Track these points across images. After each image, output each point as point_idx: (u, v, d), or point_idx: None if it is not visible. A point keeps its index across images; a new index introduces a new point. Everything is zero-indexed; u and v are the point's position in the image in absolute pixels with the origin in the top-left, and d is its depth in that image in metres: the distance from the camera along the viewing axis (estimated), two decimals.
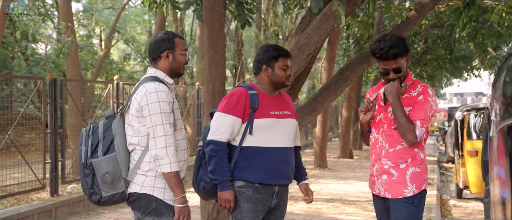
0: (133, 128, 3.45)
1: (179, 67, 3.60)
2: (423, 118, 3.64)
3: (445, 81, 32.79)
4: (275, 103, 3.79)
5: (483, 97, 66.13)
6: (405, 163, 3.71)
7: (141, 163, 3.44)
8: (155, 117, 3.37)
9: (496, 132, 2.34)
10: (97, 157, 3.42)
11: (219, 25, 5.43)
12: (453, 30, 15.83)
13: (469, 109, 9.95)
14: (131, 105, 3.48)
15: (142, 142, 3.44)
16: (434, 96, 3.73)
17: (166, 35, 3.58)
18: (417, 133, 3.61)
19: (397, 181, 3.73)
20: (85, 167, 3.42)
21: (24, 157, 8.42)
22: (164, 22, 16.95)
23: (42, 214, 7.73)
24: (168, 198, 3.46)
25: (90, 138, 3.47)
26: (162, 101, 3.39)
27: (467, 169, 9.36)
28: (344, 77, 6.50)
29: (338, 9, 4.97)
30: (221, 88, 5.62)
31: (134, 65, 29.02)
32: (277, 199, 3.77)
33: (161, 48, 3.54)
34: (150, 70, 3.58)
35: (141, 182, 3.44)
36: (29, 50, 18.65)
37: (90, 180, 3.43)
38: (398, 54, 3.68)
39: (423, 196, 3.77)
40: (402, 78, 3.77)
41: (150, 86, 3.42)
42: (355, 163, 16.26)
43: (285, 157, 3.75)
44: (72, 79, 11.07)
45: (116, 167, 3.41)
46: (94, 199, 3.47)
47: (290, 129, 3.79)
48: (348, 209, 8.85)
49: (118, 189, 3.43)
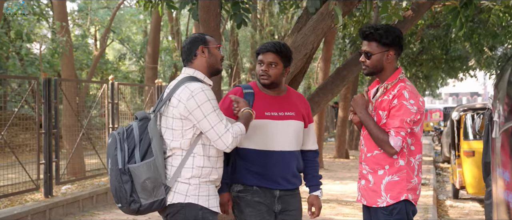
0: (174, 132, 3.26)
1: (216, 62, 3.43)
2: (398, 125, 3.31)
3: (441, 81, 32.81)
4: (274, 103, 3.63)
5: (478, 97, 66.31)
6: (382, 170, 3.44)
7: (182, 170, 3.25)
8: (211, 117, 3.21)
9: (499, 134, 2.28)
10: (135, 162, 3.19)
11: (215, 24, 5.38)
12: (449, 30, 15.81)
13: (466, 109, 9.92)
14: (170, 107, 3.27)
15: (184, 146, 3.25)
16: (412, 99, 3.36)
17: (196, 34, 3.46)
18: (392, 143, 3.31)
19: (372, 189, 3.49)
20: (123, 173, 3.17)
21: (17, 158, 8.35)
22: (160, 22, 16.88)
23: (36, 215, 7.67)
24: (213, 205, 3.30)
25: (125, 142, 3.23)
26: (212, 99, 3.23)
27: (463, 169, 9.34)
28: (341, 77, 6.46)
29: (335, 8, 4.92)
30: (217, 88, 5.57)
31: (129, 65, 28.97)
32: (282, 204, 3.61)
33: (196, 45, 3.38)
34: (188, 70, 3.39)
35: (185, 191, 3.24)
36: (23, 50, 18.54)
37: (129, 187, 3.17)
38: (373, 38, 3.44)
39: (404, 207, 3.43)
40: (372, 68, 3.49)
41: (194, 86, 3.24)
42: (351, 163, 16.22)
43: (281, 161, 3.57)
44: (67, 79, 11.00)
45: (156, 172, 3.19)
46: (133, 208, 3.21)
47: (289, 131, 3.60)
48: (345, 210, 8.81)
49: (158, 196, 3.20)
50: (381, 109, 3.47)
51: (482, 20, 13.91)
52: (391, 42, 3.46)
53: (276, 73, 3.59)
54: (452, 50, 19.11)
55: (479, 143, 8.93)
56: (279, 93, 3.69)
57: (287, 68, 3.67)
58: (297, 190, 3.72)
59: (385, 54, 3.47)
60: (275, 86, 3.64)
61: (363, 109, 3.46)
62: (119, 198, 3.22)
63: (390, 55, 3.48)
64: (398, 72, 3.51)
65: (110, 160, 3.24)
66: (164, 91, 3.42)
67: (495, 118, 2.44)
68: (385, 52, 3.47)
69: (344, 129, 17.80)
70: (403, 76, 3.53)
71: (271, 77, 3.59)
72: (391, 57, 3.49)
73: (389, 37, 3.45)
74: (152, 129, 3.24)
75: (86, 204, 8.74)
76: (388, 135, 3.34)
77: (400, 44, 3.51)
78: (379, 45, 3.46)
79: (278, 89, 3.68)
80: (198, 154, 3.27)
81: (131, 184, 3.18)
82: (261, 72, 3.59)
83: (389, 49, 3.47)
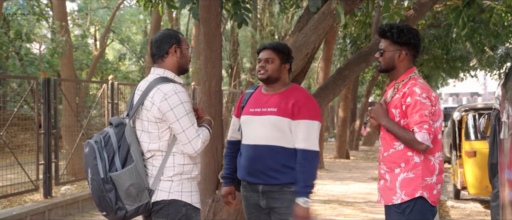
0: (150, 135, 3.27)
1: (186, 63, 3.45)
2: (419, 120, 3.35)
3: (441, 81, 32.78)
4: (263, 100, 3.71)
5: (478, 97, 66.27)
6: (399, 168, 3.47)
7: (164, 169, 3.28)
8: (183, 120, 3.22)
9: (508, 135, 2.23)
10: (116, 170, 3.18)
11: (215, 24, 5.35)
12: (449, 30, 15.78)
13: (467, 109, 9.87)
14: (144, 110, 3.28)
15: (163, 147, 3.27)
16: (424, 93, 3.40)
17: (169, 31, 3.42)
18: (420, 139, 3.34)
19: (389, 187, 3.51)
20: (106, 183, 3.16)
21: (16, 158, 8.31)
22: (160, 22, 16.83)
23: (35, 216, 7.62)
24: (195, 201, 3.34)
25: (104, 150, 3.21)
26: (185, 102, 3.23)
27: (465, 169, 9.28)
28: (342, 77, 6.43)
29: (337, 8, 4.88)
30: (218, 88, 5.54)
31: (129, 65, 28.93)
32: (266, 199, 3.64)
33: (169, 43, 3.36)
34: (157, 70, 3.37)
35: (168, 188, 3.28)
36: (23, 50, 18.51)
37: (113, 196, 3.17)
38: (386, 36, 3.55)
39: (419, 204, 3.42)
40: (384, 66, 3.59)
41: (167, 89, 3.23)
42: (352, 164, 16.18)
43: (255, 155, 3.62)
44: (66, 79, 10.95)
45: (138, 178, 3.19)
46: (120, 215, 3.21)
47: (266, 125, 3.60)
48: (346, 211, 8.76)
49: (143, 201, 3.22)
50: (394, 108, 3.53)
51: (483, 19, 13.87)
52: (404, 42, 3.54)
53: (272, 68, 3.69)
54: (453, 50, 19.07)
55: (480, 144, 8.88)
56: (276, 90, 3.72)
57: (285, 65, 3.73)
58: (284, 187, 3.62)
59: (396, 52, 3.56)
60: (272, 82, 3.71)
61: (385, 117, 3.52)
62: (104, 207, 3.21)
63: (402, 54, 3.56)
64: (410, 71, 3.58)
65: (90, 169, 3.21)
66: (134, 93, 3.40)
67: (504, 118, 2.39)
68: (397, 51, 3.55)
69: (345, 129, 17.75)
70: (415, 75, 3.58)
71: (268, 72, 3.69)
72: (403, 56, 3.56)
73: (402, 37, 3.53)
74: (129, 135, 3.25)
75: (85, 204, 8.70)
76: (413, 133, 3.38)
77: (414, 44, 3.57)
78: (391, 43, 3.56)
79: (276, 85, 3.73)
80: (178, 152, 3.31)
81: (115, 192, 3.18)
82: (258, 68, 3.73)
83: (401, 49, 3.55)
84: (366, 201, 9.65)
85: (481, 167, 8.74)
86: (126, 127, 3.27)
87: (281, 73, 3.71)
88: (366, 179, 12.72)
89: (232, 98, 17.70)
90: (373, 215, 8.42)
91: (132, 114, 3.32)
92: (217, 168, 5.57)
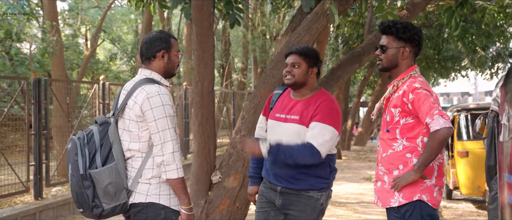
0: (131, 134, 3.26)
1: (173, 68, 3.42)
2: (429, 109, 3.25)
3: (433, 81, 32.88)
4: (289, 106, 3.75)
5: (469, 97, 66.52)
6: (397, 170, 3.41)
7: (143, 171, 3.25)
8: (161, 122, 3.18)
9: (508, 137, 2.20)
10: (96, 167, 3.19)
11: (208, 24, 5.30)
12: (441, 30, 15.80)
13: (460, 109, 9.88)
14: (127, 109, 3.27)
15: (143, 148, 3.25)
16: (424, 86, 3.37)
17: (162, 34, 3.39)
18: (438, 127, 3.20)
19: (387, 190, 3.45)
20: (85, 179, 3.16)
21: (6, 159, 8.23)
22: (151, 21, 16.76)
23: (26, 217, 7.55)
24: (174, 204, 3.29)
25: (86, 147, 3.22)
26: (166, 105, 3.20)
27: (457, 170, 9.29)
28: (335, 78, 6.39)
29: (331, 8, 4.83)
30: (210, 88, 5.49)
31: (120, 65, 28.82)
32: (283, 200, 3.73)
33: (157, 47, 3.34)
34: (144, 71, 3.36)
35: (145, 191, 3.25)
36: (13, 50, 18.37)
37: (91, 193, 3.18)
38: (390, 31, 3.49)
39: (419, 210, 3.35)
40: (387, 63, 3.52)
41: (150, 89, 3.22)
42: (344, 164, 16.18)
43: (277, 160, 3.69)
44: (57, 79, 10.87)
45: (118, 177, 3.19)
46: (96, 213, 3.22)
47: (289, 134, 3.64)
48: (338, 211, 8.74)
49: (120, 200, 3.21)
50: (393, 107, 3.48)
51: (475, 20, 13.90)
52: (408, 38, 3.49)
53: (299, 73, 3.71)
54: (445, 50, 19.11)
55: (473, 144, 8.90)
56: (303, 96, 3.75)
57: (313, 69, 3.75)
58: (302, 191, 3.67)
59: (400, 49, 3.51)
60: (299, 86, 3.74)
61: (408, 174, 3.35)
62: (81, 203, 3.22)
63: (405, 51, 3.51)
64: (410, 69, 3.53)
65: (71, 165, 3.22)
66: (120, 92, 3.40)
67: (504, 121, 2.36)
68: (401, 48, 3.50)
69: None
70: (416, 73, 3.52)
71: (294, 77, 3.71)
72: (407, 53, 3.52)
73: (407, 33, 3.48)
74: (112, 134, 3.26)
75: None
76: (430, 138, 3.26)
77: (417, 42, 3.52)
78: (395, 39, 3.50)
79: (303, 90, 3.76)
80: None
81: (93, 189, 3.19)
82: (285, 73, 3.76)
83: (405, 45, 3.50)
84: (359, 202, 9.64)
85: (473, 167, 8.76)
86: (110, 126, 3.28)
87: (308, 77, 3.73)
88: (358, 179, 12.71)
89: (223, 98, 17.65)
90: (366, 215, 8.41)
91: (117, 113, 3.32)
92: (210, 169, 5.52)
